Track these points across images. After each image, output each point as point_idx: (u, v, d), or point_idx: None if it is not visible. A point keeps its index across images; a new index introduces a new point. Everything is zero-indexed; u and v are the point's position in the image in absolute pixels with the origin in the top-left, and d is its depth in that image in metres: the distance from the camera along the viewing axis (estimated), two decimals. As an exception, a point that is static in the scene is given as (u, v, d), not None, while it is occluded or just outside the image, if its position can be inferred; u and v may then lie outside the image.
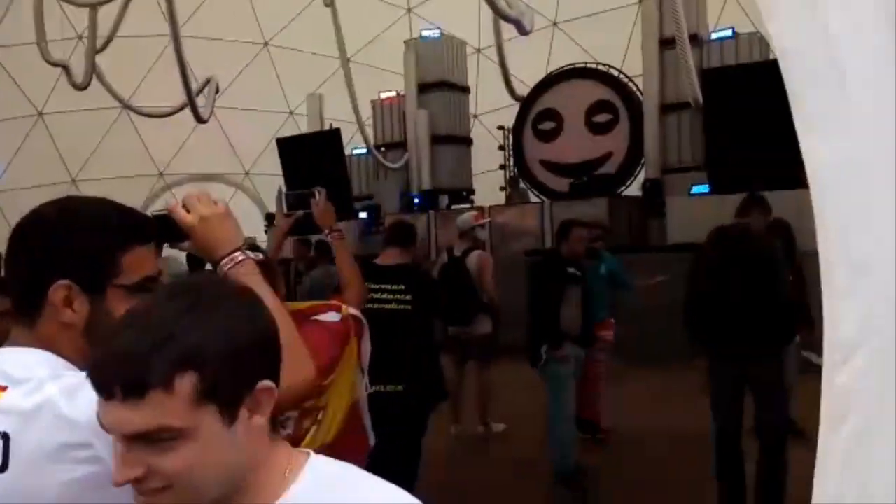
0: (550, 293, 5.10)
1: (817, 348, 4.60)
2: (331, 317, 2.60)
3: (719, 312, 4.18)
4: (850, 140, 1.10)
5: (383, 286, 3.82)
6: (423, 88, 15.60)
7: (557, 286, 5.13)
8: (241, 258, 1.39)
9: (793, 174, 8.78)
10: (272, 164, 15.70)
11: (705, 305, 4.26)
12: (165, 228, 1.37)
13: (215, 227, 1.39)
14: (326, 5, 14.62)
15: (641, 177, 13.41)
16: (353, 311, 2.69)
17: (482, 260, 6.29)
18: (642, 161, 13.50)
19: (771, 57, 12.65)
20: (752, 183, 10.13)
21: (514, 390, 6.55)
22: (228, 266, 1.37)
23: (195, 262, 3.54)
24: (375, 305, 3.70)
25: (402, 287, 3.85)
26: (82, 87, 13.17)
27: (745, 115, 10.33)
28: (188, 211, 1.38)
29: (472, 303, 6.16)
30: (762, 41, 12.60)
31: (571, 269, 5.21)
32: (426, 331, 3.95)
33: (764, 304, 4.08)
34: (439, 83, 15.64)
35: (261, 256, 1.42)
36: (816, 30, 1.18)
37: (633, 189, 13.90)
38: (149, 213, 1.43)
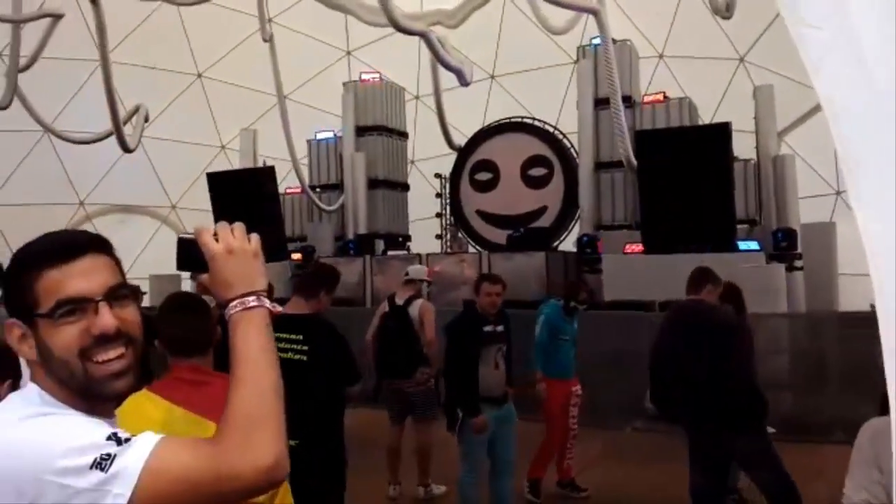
0: (466, 353, 4.90)
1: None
2: None
3: (689, 390, 4.17)
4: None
5: (282, 335, 3.59)
6: (361, 131, 15.53)
7: (474, 345, 4.93)
8: (252, 304, 1.26)
9: (724, 236, 9.09)
10: (200, 199, 15.19)
11: (672, 384, 4.26)
12: (188, 254, 1.30)
13: (238, 263, 1.28)
14: (265, 41, 14.46)
15: (575, 231, 13.62)
16: None
17: (425, 310, 6.09)
18: (577, 216, 13.73)
19: (700, 122, 13.21)
20: (684, 244, 10.50)
21: (455, 449, 6.29)
22: (236, 309, 1.25)
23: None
24: None
25: (301, 337, 3.66)
26: (2, 107, 12.45)
27: (677, 178, 10.66)
28: (217, 240, 1.29)
29: (414, 354, 5.93)
30: (692, 106, 13.14)
31: (489, 328, 5.02)
32: (325, 383, 3.66)
33: (733, 380, 4.11)
34: (377, 127, 15.62)
35: (279, 309, 1.28)
36: (864, 85, 1.09)
37: (567, 244, 14.10)
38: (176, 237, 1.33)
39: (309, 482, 3.53)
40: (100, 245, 1.25)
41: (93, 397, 1.18)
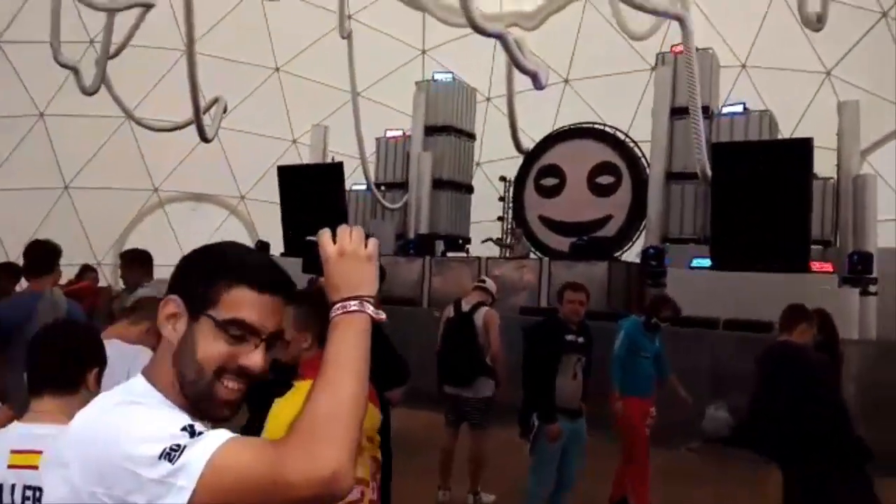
0: (546, 361, 4.80)
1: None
2: None
3: (784, 435, 3.99)
4: None
5: None
6: (430, 131, 15.56)
7: (553, 354, 4.83)
8: (353, 308, 1.24)
9: (797, 255, 8.68)
10: (269, 191, 15.51)
11: (771, 426, 4.06)
12: (310, 257, 1.32)
13: (349, 267, 1.28)
14: (343, 37, 14.65)
15: (640, 243, 13.32)
16: None
17: (490, 318, 5.93)
18: (643, 227, 13.43)
19: (779, 136, 12.74)
20: (754, 261, 10.12)
21: (507, 458, 6.18)
22: (337, 312, 1.24)
23: None
24: None
25: None
26: (91, 93, 12.97)
27: (753, 193, 10.30)
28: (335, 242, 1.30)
29: (475, 363, 5.85)
30: (772, 119, 12.69)
31: (570, 337, 4.92)
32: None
33: (827, 424, 3.91)
34: (446, 127, 15.62)
35: (383, 316, 1.27)
36: None
37: (630, 255, 13.80)
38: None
39: None
40: (290, 293, 1.30)
41: (200, 411, 1.20)
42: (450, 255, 14.60)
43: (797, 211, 10.21)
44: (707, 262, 10.74)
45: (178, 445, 1.04)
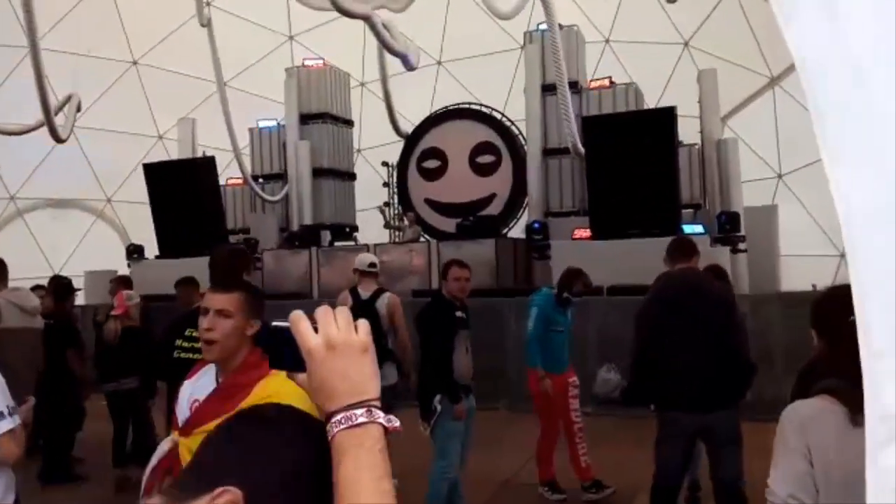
0: (443, 340, 4.75)
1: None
2: None
3: (676, 367, 3.98)
4: (885, 180, 0.87)
5: (194, 333, 3.41)
6: (305, 119, 15.17)
7: (449, 333, 4.79)
8: (362, 419, 0.95)
9: (670, 220, 9.05)
10: (137, 192, 14.63)
11: (658, 361, 4.05)
12: (279, 348, 1.00)
13: (345, 364, 0.98)
14: (203, 25, 13.99)
15: (524, 219, 13.56)
16: None
17: (395, 304, 5.79)
18: (525, 203, 13.67)
19: (645, 107, 13.27)
20: (630, 228, 10.52)
21: (409, 442, 6.13)
22: (340, 427, 0.94)
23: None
24: (197, 356, 3.30)
25: None
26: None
27: (624, 163, 10.66)
28: (316, 330, 0.99)
29: (382, 351, 5.71)
30: (637, 91, 13.20)
31: (459, 313, 4.88)
32: None
33: (725, 355, 3.93)
34: (322, 114, 15.28)
35: (397, 425, 0.98)
36: (839, 43, 0.94)
37: (516, 231, 14.04)
38: (268, 322, 1.01)
39: None
40: None
41: None
42: (337, 244, 14.34)
43: (666, 177, 10.66)
44: (587, 233, 11.06)
45: None
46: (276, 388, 2.12)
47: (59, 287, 7.14)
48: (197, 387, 2.34)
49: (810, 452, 1.76)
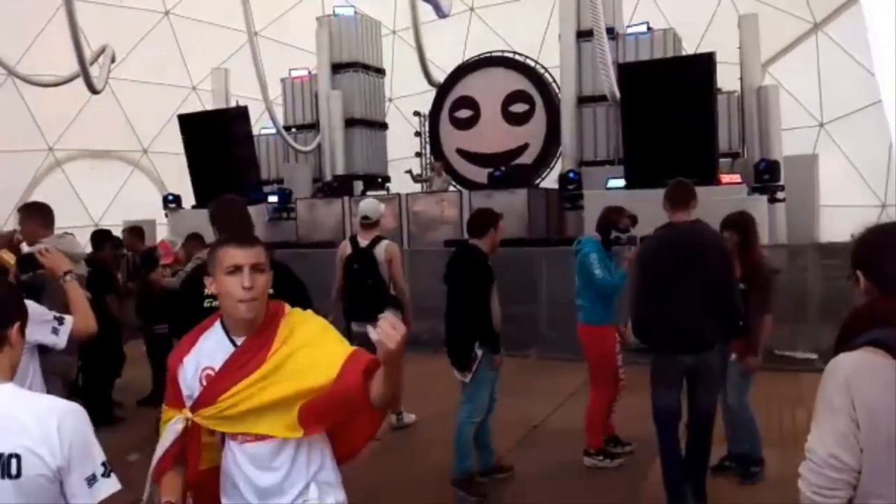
0: (483, 291, 4.74)
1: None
2: None
3: (671, 315, 4.16)
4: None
5: None
6: (337, 68, 15.08)
7: (487, 283, 4.78)
8: None
9: (707, 168, 8.84)
10: (173, 142, 14.77)
11: (658, 308, 4.21)
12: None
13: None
14: (235, -25, 13.85)
15: (557, 168, 13.43)
16: None
17: (393, 251, 5.85)
18: (559, 152, 13.52)
19: (683, 53, 12.92)
20: (665, 177, 10.32)
21: (424, 383, 6.30)
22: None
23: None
24: None
25: None
26: (-41, 50, 11.92)
27: (660, 111, 10.43)
28: None
29: (382, 297, 5.78)
30: (675, 37, 12.84)
31: (489, 263, 4.86)
32: None
33: (718, 305, 4.13)
34: (353, 63, 15.16)
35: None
36: None
37: (549, 181, 13.93)
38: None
39: None
40: None
41: None
42: (369, 193, 14.39)
43: (704, 125, 10.41)
44: (622, 182, 10.92)
45: None
46: (300, 318, 2.15)
47: (95, 235, 7.48)
48: (203, 355, 2.14)
49: (855, 410, 1.64)
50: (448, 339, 4.87)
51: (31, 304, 2.31)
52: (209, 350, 2.13)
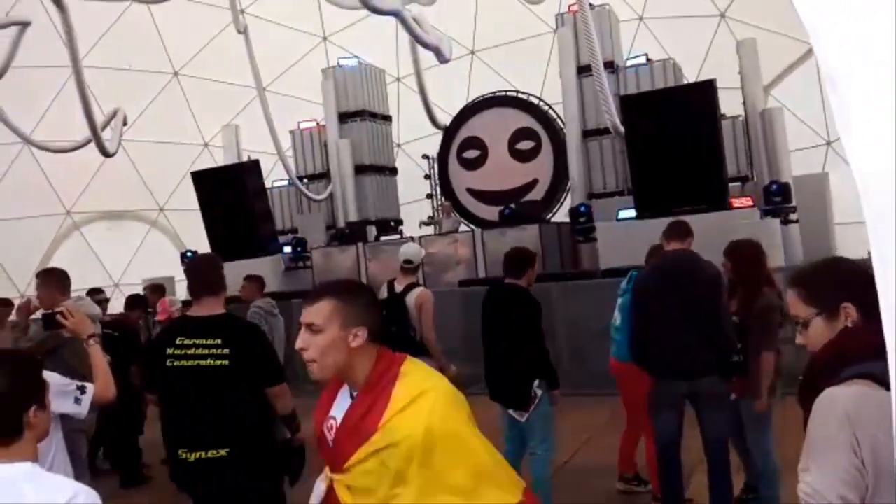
0: (537, 328, 4.73)
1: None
2: None
3: (668, 340, 4.27)
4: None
5: (197, 341, 3.38)
6: (344, 117, 15.36)
7: (539, 320, 4.77)
8: None
9: (717, 194, 8.83)
10: (188, 199, 15.04)
11: (651, 333, 4.34)
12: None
13: None
14: (239, 33, 14.24)
15: (568, 202, 13.52)
16: None
17: (424, 298, 5.79)
18: (567, 187, 13.62)
19: (685, 81, 13.06)
20: (676, 205, 10.38)
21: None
22: None
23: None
24: (192, 362, 3.36)
25: (219, 341, 3.38)
26: (-23, 121, 12.27)
27: (666, 140, 10.53)
28: None
29: (408, 343, 5.75)
30: (675, 66, 13.00)
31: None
32: (250, 387, 3.42)
33: (710, 331, 4.20)
34: (360, 112, 15.43)
35: None
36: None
37: (560, 215, 14.00)
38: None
39: (245, 488, 3.36)
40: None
41: None
42: (383, 238, 14.51)
43: (710, 151, 10.50)
44: (633, 213, 10.97)
45: None
46: (419, 382, 1.84)
47: (130, 300, 7.69)
48: (338, 408, 1.96)
49: (859, 445, 1.55)
50: (501, 380, 4.78)
51: (51, 376, 2.35)
52: (338, 401, 1.98)
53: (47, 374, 2.09)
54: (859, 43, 0.95)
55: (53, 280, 4.40)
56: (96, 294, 7.72)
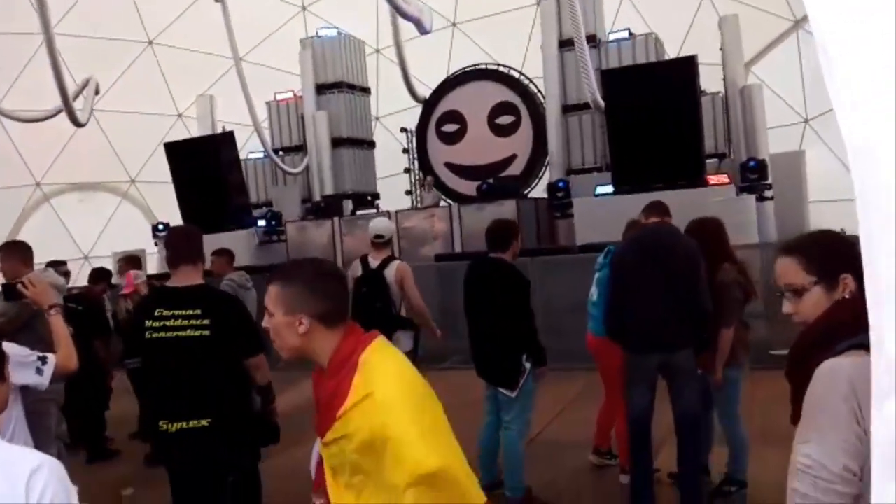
0: (524, 304, 4.64)
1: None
2: None
3: (643, 314, 4.22)
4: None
5: (177, 312, 3.36)
6: (322, 89, 15.11)
7: (527, 295, 4.69)
8: None
9: (694, 170, 8.82)
10: (160, 171, 14.77)
11: (628, 305, 4.28)
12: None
13: None
14: (216, 1, 13.91)
15: (546, 178, 13.45)
16: None
17: (404, 271, 5.73)
18: (546, 162, 13.54)
19: (666, 57, 12.98)
20: (653, 181, 10.35)
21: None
22: None
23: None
24: (171, 334, 3.33)
25: (199, 311, 3.36)
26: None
27: (645, 115, 10.48)
28: None
29: (392, 318, 5.68)
30: (658, 41, 12.91)
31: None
32: (230, 358, 3.42)
33: (687, 305, 4.15)
34: (338, 83, 15.19)
35: None
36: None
37: (538, 190, 13.93)
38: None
39: (223, 459, 3.37)
40: None
41: None
42: (359, 212, 14.37)
43: (689, 127, 10.46)
44: (610, 189, 10.93)
45: None
46: (367, 381, 1.71)
47: (94, 273, 7.57)
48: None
49: (862, 414, 1.51)
50: (487, 356, 4.71)
51: (11, 347, 2.27)
52: None
53: (7, 346, 2.02)
54: (854, 7, 0.87)
55: (17, 252, 4.32)
56: (58, 266, 7.54)
